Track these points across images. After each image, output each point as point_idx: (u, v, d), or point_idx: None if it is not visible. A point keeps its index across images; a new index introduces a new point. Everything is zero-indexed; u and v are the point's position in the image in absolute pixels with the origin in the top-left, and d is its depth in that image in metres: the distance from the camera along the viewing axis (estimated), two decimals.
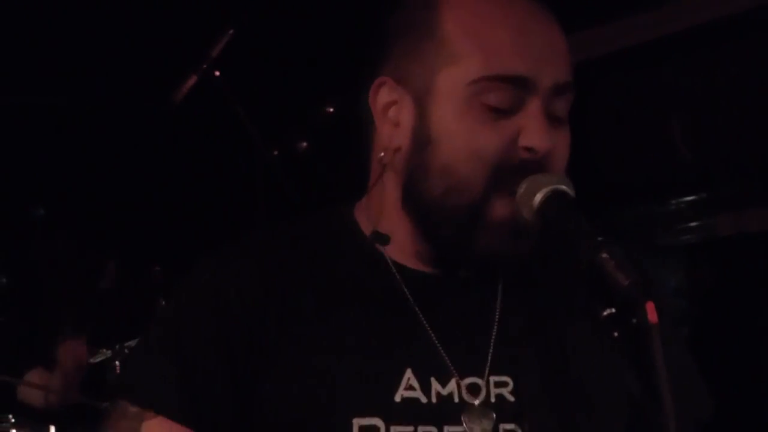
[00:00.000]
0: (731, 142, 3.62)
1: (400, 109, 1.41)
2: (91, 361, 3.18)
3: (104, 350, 3.15)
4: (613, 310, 1.22)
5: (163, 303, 2.43)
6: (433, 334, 1.41)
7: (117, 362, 3.08)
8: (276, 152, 3.17)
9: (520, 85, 1.34)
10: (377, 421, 1.36)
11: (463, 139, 1.35)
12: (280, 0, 3.42)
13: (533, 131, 1.34)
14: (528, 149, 1.34)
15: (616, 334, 1.22)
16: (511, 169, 1.34)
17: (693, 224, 4.06)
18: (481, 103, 1.34)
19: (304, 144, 3.38)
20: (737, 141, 3.61)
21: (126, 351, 3.07)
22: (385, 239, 1.44)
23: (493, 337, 1.43)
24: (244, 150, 3.24)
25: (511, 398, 1.40)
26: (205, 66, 3.00)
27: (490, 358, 1.42)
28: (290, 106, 3.54)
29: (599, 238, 1.22)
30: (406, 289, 1.43)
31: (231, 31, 2.99)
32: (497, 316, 1.45)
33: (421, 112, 1.38)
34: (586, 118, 2.98)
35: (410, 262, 1.45)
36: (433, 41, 1.37)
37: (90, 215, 4.01)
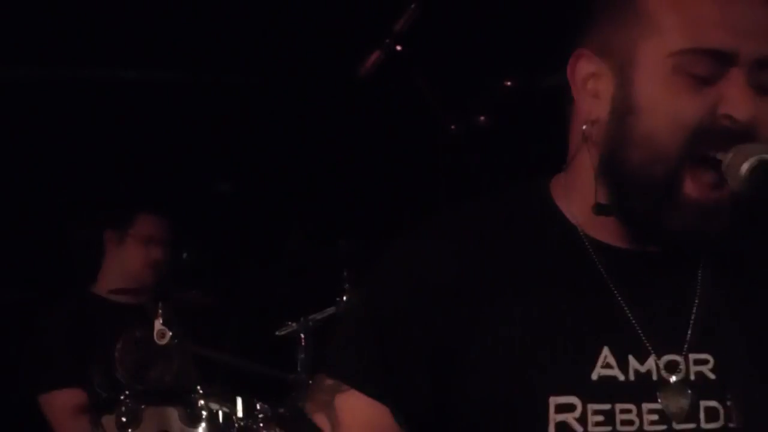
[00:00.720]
0: None
1: (599, 81, 1.40)
2: (277, 333, 3.24)
3: (290, 323, 3.19)
4: None
5: (348, 276, 2.54)
6: (629, 312, 1.40)
7: (302, 335, 3.13)
8: (454, 127, 3.13)
9: (722, 58, 1.32)
10: (574, 400, 1.36)
11: (664, 106, 1.33)
12: None
13: (734, 100, 1.31)
14: (728, 117, 1.31)
15: None
16: (711, 137, 1.31)
17: None
18: (682, 73, 1.33)
19: (483, 118, 3.37)
20: None
21: (310, 324, 3.12)
22: (608, 209, 1.39)
23: (693, 313, 1.41)
24: (427, 124, 3.24)
25: (712, 376, 1.38)
26: (388, 41, 3.05)
27: (689, 335, 1.40)
28: (471, 80, 3.56)
29: None
30: (601, 266, 1.41)
31: (414, 6, 3.03)
32: (698, 292, 1.42)
33: (622, 83, 1.37)
34: None
35: (606, 238, 1.42)
36: (635, 13, 1.37)
37: (277, 189, 4.20)
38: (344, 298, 3.10)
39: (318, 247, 3.56)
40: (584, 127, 1.41)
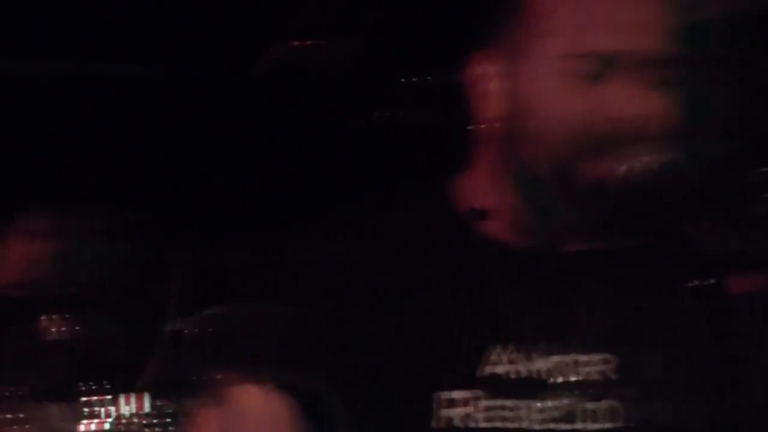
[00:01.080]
0: None
1: (492, 82, 1.48)
2: (169, 328, 3.22)
3: (182, 318, 3.15)
4: (712, 281, 1.25)
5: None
6: (521, 308, 1.45)
7: (196, 330, 3.11)
8: (361, 123, 3.25)
9: (606, 59, 1.40)
10: (464, 395, 1.40)
11: (553, 106, 1.42)
12: None
13: (618, 97, 1.40)
14: (613, 116, 1.39)
15: (707, 305, 1.29)
16: (598, 135, 1.40)
17: None
18: (570, 74, 1.41)
19: (388, 115, 3.42)
20: None
21: (204, 319, 3.13)
22: (482, 215, 1.48)
23: (585, 313, 1.45)
24: (332, 121, 3.33)
25: (612, 375, 1.42)
26: (291, 37, 3.18)
27: (581, 334, 1.44)
28: (373, 78, 3.58)
29: (699, 209, 1.28)
30: (496, 263, 1.47)
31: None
32: (594, 289, 1.46)
33: (514, 84, 1.46)
34: None
35: (506, 236, 1.48)
36: (526, 18, 1.46)
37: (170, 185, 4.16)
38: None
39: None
40: (481, 126, 1.49)
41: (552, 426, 1.42)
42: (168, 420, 1.78)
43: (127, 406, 2.78)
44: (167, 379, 3.14)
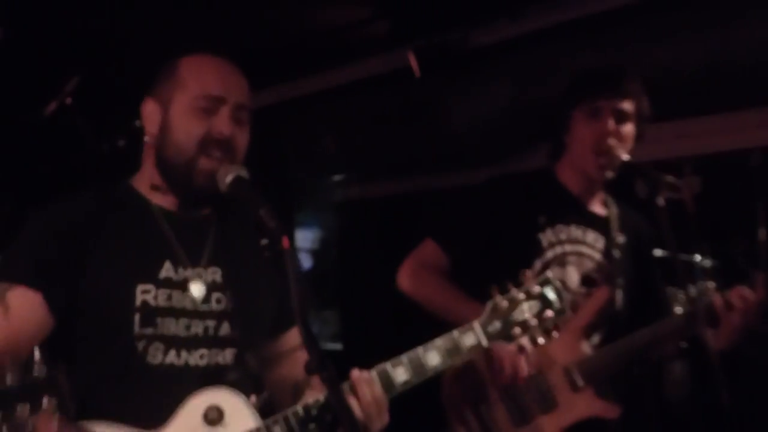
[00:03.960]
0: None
1: (155, 113, 2.59)
2: None
3: None
4: (267, 241, 2.22)
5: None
6: (176, 243, 2.57)
7: None
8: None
9: (216, 100, 2.54)
10: (150, 287, 2.48)
11: (184, 125, 2.54)
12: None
13: (221, 124, 2.53)
14: (219, 132, 2.52)
15: (267, 254, 2.21)
16: (209, 143, 2.51)
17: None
18: (195, 108, 2.53)
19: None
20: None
21: None
22: (157, 187, 2.60)
23: (210, 245, 2.61)
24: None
25: (219, 279, 2.59)
26: (61, 95, 4.89)
27: (207, 257, 2.60)
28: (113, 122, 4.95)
29: (260, 202, 2.28)
30: (163, 220, 2.59)
31: (76, 78, 4.87)
32: (212, 235, 2.63)
33: (165, 114, 2.57)
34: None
35: (166, 205, 2.61)
36: (174, 77, 2.58)
37: None
38: None
39: None
40: (146, 139, 2.61)
41: (192, 306, 2.53)
42: None
43: None
44: None
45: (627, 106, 3.32)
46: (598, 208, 3.49)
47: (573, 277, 3.38)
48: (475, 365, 3.19)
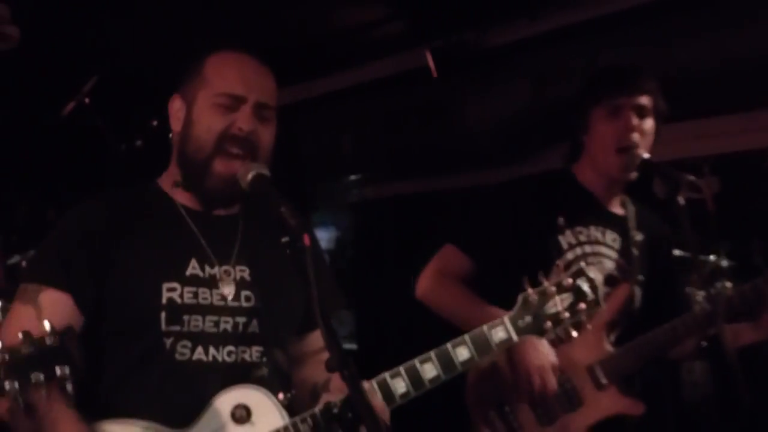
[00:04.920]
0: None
1: (180, 111, 2.62)
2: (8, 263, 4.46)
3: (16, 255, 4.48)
4: (288, 239, 2.20)
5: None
6: (203, 241, 2.58)
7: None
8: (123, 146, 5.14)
9: (237, 98, 2.55)
10: (176, 285, 2.50)
11: (205, 122, 2.55)
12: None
13: (241, 120, 2.53)
14: (239, 128, 2.53)
15: (288, 251, 2.20)
16: (228, 139, 2.52)
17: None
18: (216, 105, 2.55)
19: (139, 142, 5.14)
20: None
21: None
22: (179, 183, 2.62)
23: (237, 244, 2.63)
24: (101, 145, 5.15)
25: (248, 278, 2.60)
26: (79, 96, 5.00)
27: (234, 255, 2.61)
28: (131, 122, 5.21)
29: (281, 200, 2.26)
30: (188, 219, 2.61)
31: (96, 77, 4.98)
32: (239, 233, 2.64)
33: (189, 111, 2.60)
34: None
35: (191, 204, 2.63)
36: (199, 75, 2.61)
37: None
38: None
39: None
40: (171, 137, 2.64)
41: (223, 303, 2.54)
42: None
43: None
44: None
45: (645, 101, 3.31)
46: (616, 208, 3.49)
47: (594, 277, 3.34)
48: (499, 366, 3.18)
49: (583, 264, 2.67)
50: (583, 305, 2.62)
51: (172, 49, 2.74)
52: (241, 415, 2.39)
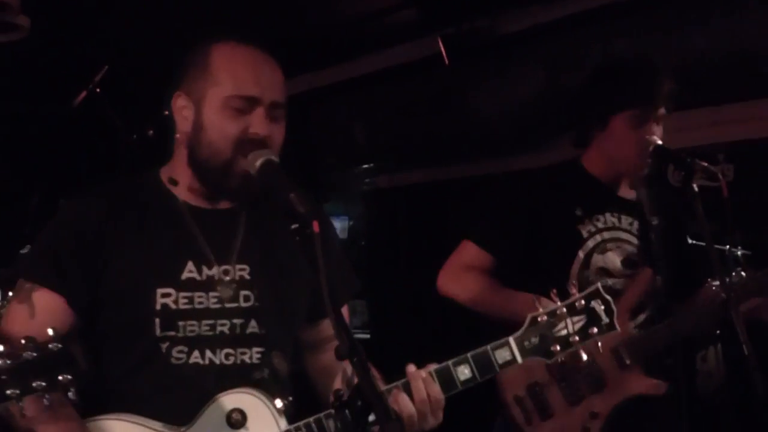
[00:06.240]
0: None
1: (187, 110, 2.50)
2: None
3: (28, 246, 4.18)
4: (297, 226, 2.11)
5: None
6: (203, 241, 2.51)
7: None
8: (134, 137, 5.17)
9: (251, 100, 2.44)
10: (171, 290, 2.44)
11: (218, 125, 2.44)
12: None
13: (257, 124, 2.43)
14: (254, 133, 2.42)
15: (297, 238, 2.11)
16: (245, 144, 2.41)
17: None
18: (229, 108, 2.43)
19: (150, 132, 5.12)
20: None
21: None
22: (174, 182, 2.55)
23: (239, 241, 2.55)
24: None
25: (248, 277, 2.53)
26: (90, 86, 5.03)
27: (236, 254, 2.53)
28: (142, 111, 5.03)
29: (290, 186, 2.18)
30: (189, 217, 2.53)
31: (106, 67, 5.03)
32: (242, 230, 2.57)
33: (198, 112, 2.48)
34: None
35: (193, 201, 2.55)
36: (205, 71, 2.47)
37: None
38: None
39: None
40: (178, 135, 2.53)
41: (219, 305, 2.48)
42: None
43: None
44: None
45: (665, 108, 3.35)
46: (627, 192, 3.52)
47: (615, 261, 3.39)
48: None
49: (599, 285, 2.62)
50: (595, 329, 2.56)
51: (182, 38, 2.59)
52: (237, 419, 2.37)
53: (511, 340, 2.51)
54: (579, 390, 3.27)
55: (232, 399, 2.40)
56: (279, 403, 2.42)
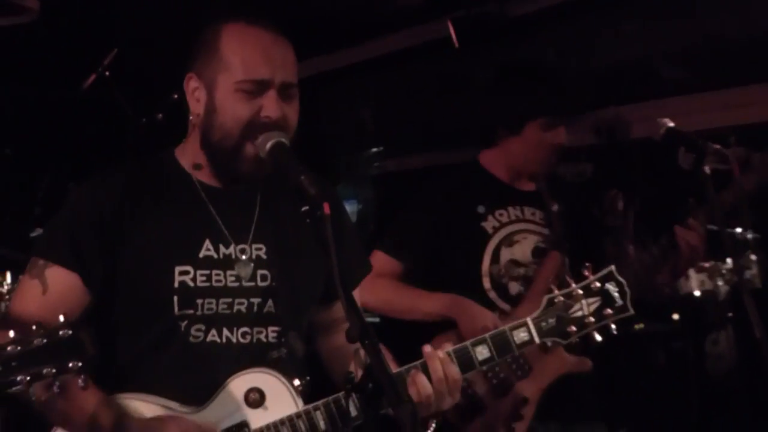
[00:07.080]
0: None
1: (199, 92, 2.49)
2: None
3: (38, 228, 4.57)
4: (307, 207, 2.10)
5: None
6: (219, 220, 2.51)
7: None
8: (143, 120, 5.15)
9: (262, 83, 2.42)
10: (189, 268, 2.45)
11: (230, 110, 2.43)
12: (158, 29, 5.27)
13: (268, 107, 2.41)
14: (266, 116, 2.41)
15: (308, 220, 2.10)
16: (257, 127, 2.40)
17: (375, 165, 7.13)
18: (240, 91, 2.41)
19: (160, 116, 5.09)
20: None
21: None
22: (199, 167, 2.54)
23: (254, 221, 2.55)
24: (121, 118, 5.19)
25: (265, 256, 2.53)
26: (99, 69, 5.04)
27: (252, 233, 2.54)
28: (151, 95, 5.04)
29: (301, 168, 2.18)
30: (204, 196, 2.53)
31: (116, 50, 5.03)
32: (257, 210, 2.57)
33: (210, 95, 2.46)
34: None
35: (208, 180, 2.55)
36: (216, 54, 2.46)
37: None
38: None
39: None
40: (191, 117, 2.52)
41: (237, 284, 2.48)
42: None
43: None
44: None
45: (575, 112, 3.56)
46: (526, 185, 3.60)
47: (524, 251, 3.45)
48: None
49: (613, 267, 2.63)
50: (610, 311, 2.58)
51: (192, 21, 2.56)
52: (255, 398, 2.38)
53: (529, 320, 2.55)
54: (507, 379, 3.28)
55: (249, 378, 2.40)
56: (297, 382, 2.42)
